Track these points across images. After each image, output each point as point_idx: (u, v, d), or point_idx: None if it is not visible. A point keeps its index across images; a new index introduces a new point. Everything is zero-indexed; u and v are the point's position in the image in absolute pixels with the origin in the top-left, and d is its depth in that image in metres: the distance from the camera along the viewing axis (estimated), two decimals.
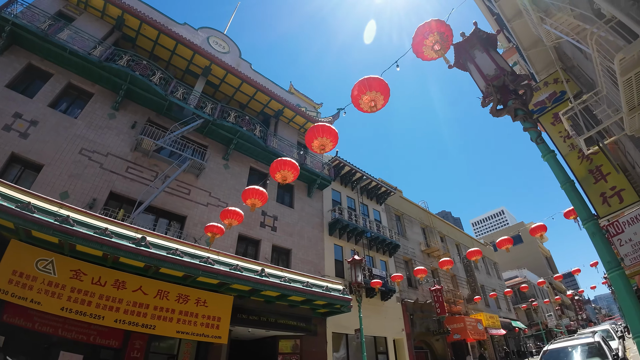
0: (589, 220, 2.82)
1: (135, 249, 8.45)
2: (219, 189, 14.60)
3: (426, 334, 22.32)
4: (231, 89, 17.61)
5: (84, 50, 12.89)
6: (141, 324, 9.09)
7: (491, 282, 35.70)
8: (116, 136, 12.89)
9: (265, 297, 11.95)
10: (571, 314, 57.17)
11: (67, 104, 12.96)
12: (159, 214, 12.49)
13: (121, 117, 13.42)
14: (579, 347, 8.73)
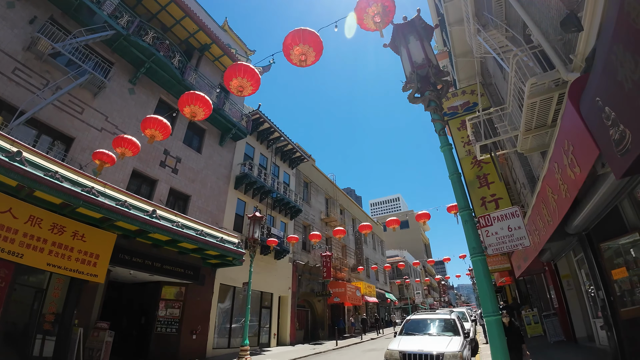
0: (465, 209, 3.16)
1: (7, 163, 7.09)
2: (118, 114, 12.80)
3: (310, 295, 23.89)
4: (156, 5, 15.19)
5: None
6: (7, 251, 7.95)
7: (375, 257, 39.50)
8: (9, 29, 10.32)
9: (153, 240, 11.32)
10: (436, 295, 66.82)
11: None
12: (42, 129, 10.49)
13: (21, 7, 10.75)
14: (437, 320, 10.05)
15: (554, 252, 11.38)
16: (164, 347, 12.65)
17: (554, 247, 10.59)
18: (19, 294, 9.31)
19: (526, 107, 5.38)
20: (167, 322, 13.18)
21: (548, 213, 7.31)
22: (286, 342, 19.75)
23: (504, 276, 20.23)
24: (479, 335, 16.16)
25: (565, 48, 5.05)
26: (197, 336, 13.49)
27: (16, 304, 9.25)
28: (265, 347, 17.83)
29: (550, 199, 6.81)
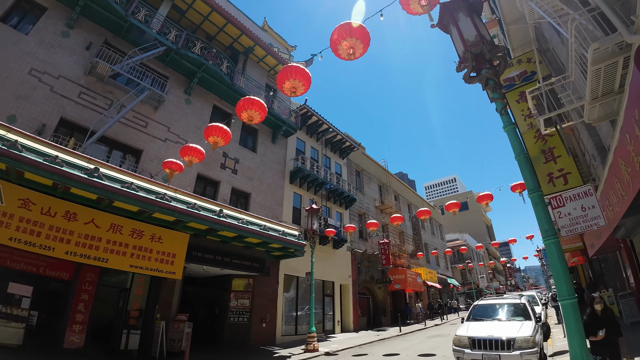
0: (534, 191, 3.05)
1: (87, 179, 8.03)
2: (178, 124, 13.85)
3: (370, 282, 24.07)
4: (199, 16, 16.12)
5: None
6: (93, 257, 8.97)
7: (434, 242, 38.53)
8: (69, 57, 11.54)
9: (221, 237, 12.07)
10: (501, 279, 63.53)
11: (19, 18, 11.34)
12: (112, 145, 11.71)
13: (76, 36, 11.95)
14: (505, 305, 9.69)
15: (629, 228, 10.38)
16: (237, 335, 13.64)
17: (629, 223, 9.66)
18: (105, 294, 10.59)
19: (590, 75, 4.97)
20: (239, 311, 14.15)
21: (622, 187, 6.71)
22: (349, 328, 20.14)
23: (575, 256, 18.77)
24: (550, 319, 15.32)
25: (624, 9, 4.60)
26: (266, 324, 14.31)
27: (103, 303, 10.53)
28: (330, 334, 18.36)
29: (623, 172, 6.25)
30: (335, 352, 12.87)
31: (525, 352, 7.02)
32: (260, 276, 14.42)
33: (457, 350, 7.98)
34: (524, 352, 7.03)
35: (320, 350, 12.73)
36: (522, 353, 7.02)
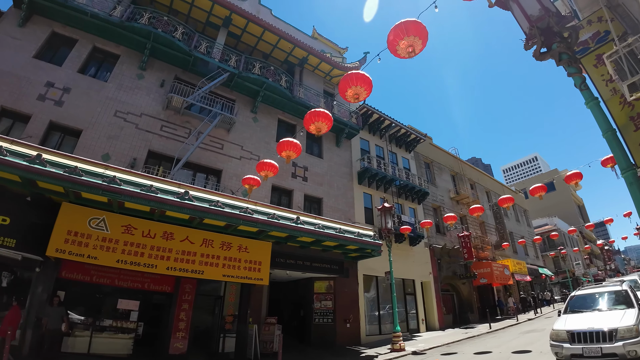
0: (627, 170, 2.83)
1: (180, 202, 9.05)
2: (249, 142, 14.92)
3: (452, 278, 23.11)
4: (253, 38, 17.23)
5: (104, 12, 12.88)
6: (190, 270, 10.02)
7: (520, 230, 35.62)
8: (147, 96, 13.18)
9: (300, 242, 12.63)
10: (600, 264, 56.30)
11: (96, 68, 13.22)
12: (195, 169, 13.08)
13: (149, 76, 13.60)
14: (605, 293, 8.86)
15: None
16: (322, 336, 14.11)
17: None
18: (202, 302, 11.68)
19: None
20: (323, 313, 14.62)
21: None
22: (435, 327, 19.55)
23: None
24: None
25: None
26: (350, 324, 14.57)
27: (201, 311, 11.61)
28: (414, 333, 18.01)
29: None
30: (422, 351, 12.65)
31: (629, 342, 6.52)
32: (340, 278, 14.75)
33: (555, 345, 7.54)
34: (627, 342, 6.53)
35: (406, 350, 12.60)
36: (625, 344, 6.53)
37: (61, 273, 9.73)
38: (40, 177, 8.19)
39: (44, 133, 11.12)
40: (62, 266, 9.70)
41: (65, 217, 9.09)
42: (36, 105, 11.31)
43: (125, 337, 10.18)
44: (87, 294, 10.49)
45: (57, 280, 9.67)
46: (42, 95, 11.51)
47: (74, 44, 12.96)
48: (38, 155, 8.24)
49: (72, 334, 9.58)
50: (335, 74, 19.94)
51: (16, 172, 8.07)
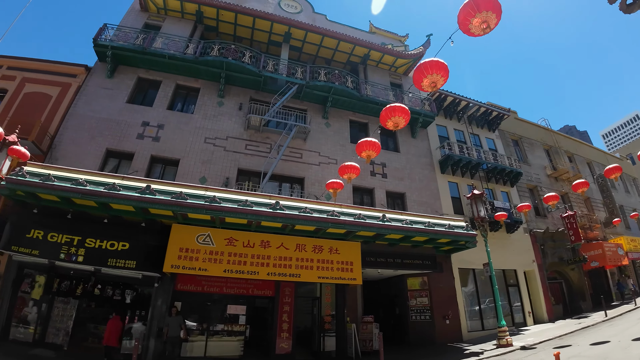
0: None
1: (272, 212, 9.62)
2: (325, 147, 15.28)
3: (559, 264, 20.66)
4: (314, 47, 17.76)
5: (179, 52, 14.44)
6: (288, 274, 10.60)
7: (631, 202, 30.52)
8: (229, 120, 14.47)
9: (389, 240, 12.46)
10: None
11: (182, 103, 14.90)
12: (280, 180, 13.89)
13: (228, 102, 14.93)
14: None
15: None
16: (421, 333, 13.70)
17: None
18: (301, 304, 12.24)
19: None
20: (419, 310, 14.20)
21: None
22: (543, 319, 17.63)
23: None
24: None
25: None
26: (449, 321, 13.90)
27: (301, 312, 12.21)
28: (521, 327, 16.47)
29: None
30: (532, 345, 11.53)
31: None
32: (434, 273, 14.19)
33: None
34: None
35: (514, 345, 11.62)
36: None
37: (176, 286, 10.98)
38: (151, 205, 9.36)
39: (147, 166, 12.79)
40: (176, 280, 10.97)
41: (176, 237, 10.27)
42: (137, 144, 13.05)
43: (235, 340, 11.12)
44: (200, 303, 11.65)
45: (173, 292, 10.94)
46: (140, 134, 13.27)
47: (159, 85, 14.73)
48: (147, 187, 9.38)
49: (190, 340, 10.70)
50: (399, 64, 19.43)
51: (130, 203, 9.30)
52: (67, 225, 10.34)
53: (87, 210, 10.36)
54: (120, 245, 10.18)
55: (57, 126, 13.03)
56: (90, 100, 13.76)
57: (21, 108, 13.39)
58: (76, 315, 11.07)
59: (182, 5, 16.06)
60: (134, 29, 15.05)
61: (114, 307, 11.53)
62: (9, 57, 14.68)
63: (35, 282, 11.24)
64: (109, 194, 9.08)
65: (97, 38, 14.02)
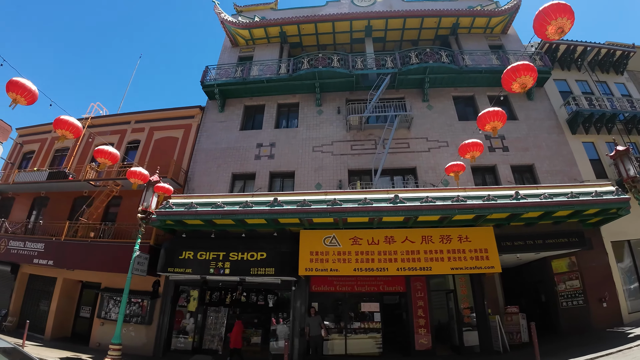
0: None
1: (393, 207, 9.44)
2: (432, 131, 14.44)
3: None
4: (397, 32, 17.23)
5: (274, 74, 15.60)
6: (419, 268, 10.27)
7: None
8: (330, 125, 14.92)
9: (525, 220, 11.22)
10: None
11: (285, 120, 16.01)
12: (391, 173, 13.61)
13: (326, 108, 15.44)
14: None
15: None
16: (574, 320, 11.87)
17: None
18: (435, 298, 11.74)
19: None
20: (570, 295, 12.35)
21: None
22: None
23: None
24: None
25: None
26: (607, 303, 11.84)
27: (436, 306, 11.73)
28: None
29: None
30: None
31: None
32: (583, 251, 12.23)
33: None
34: None
35: None
36: None
37: (311, 287, 11.59)
38: (280, 215, 10.02)
39: (268, 182, 13.97)
40: (310, 282, 11.57)
41: (305, 242, 10.86)
42: (256, 164, 14.41)
43: (373, 337, 11.19)
44: (335, 302, 12.07)
45: (309, 294, 11.51)
46: (257, 155, 14.63)
47: (263, 108, 16.11)
48: (275, 199, 10.05)
49: (330, 339, 11.12)
50: (494, 23, 17.49)
51: (262, 216, 10.09)
52: (211, 244, 11.73)
53: (226, 228, 11.58)
54: (259, 255, 11.14)
55: (188, 161, 15.13)
56: (210, 134, 15.68)
57: (155, 152, 15.74)
58: (227, 321, 12.43)
59: (266, 31, 17.40)
60: (231, 64, 16.81)
61: (258, 312, 12.65)
62: (136, 113, 17.43)
63: (190, 296, 12.94)
64: (244, 211, 10.01)
65: (204, 80, 15.98)
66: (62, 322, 14.50)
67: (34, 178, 16.36)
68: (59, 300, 14.33)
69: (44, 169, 17.32)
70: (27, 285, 15.78)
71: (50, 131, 19.48)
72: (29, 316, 14.44)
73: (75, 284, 15.17)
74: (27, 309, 15.37)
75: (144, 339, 12.39)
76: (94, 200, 14.37)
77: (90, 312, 14.71)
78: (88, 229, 14.00)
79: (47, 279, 15.22)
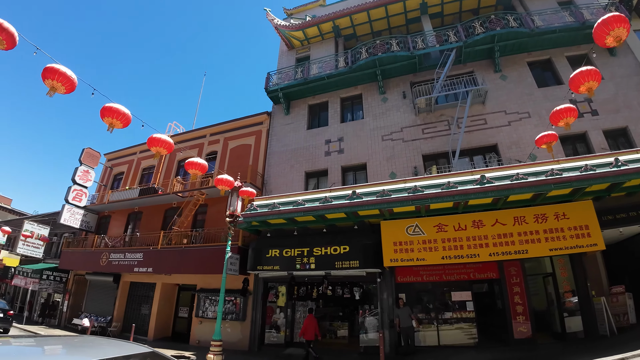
0: None
1: (481, 188, 8.93)
2: (509, 103, 13.29)
3: None
4: (454, 4, 16.31)
5: (334, 70, 15.67)
6: (513, 251, 9.59)
7: None
8: (397, 112, 14.51)
9: (626, 189, 9.98)
10: None
11: (350, 113, 15.93)
12: (469, 154, 12.78)
13: (390, 95, 15.04)
14: None
15: None
16: None
17: None
18: (532, 283, 10.98)
19: None
20: None
21: None
22: None
23: None
24: None
25: None
26: None
27: (534, 291, 11.02)
28: None
29: None
30: None
31: None
32: None
33: None
34: None
35: None
36: None
37: (397, 278, 11.44)
38: (360, 207, 10.02)
39: (341, 177, 14.08)
40: (396, 273, 11.41)
41: (387, 232, 10.75)
42: (327, 160, 14.63)
43: (466, 327, 10.74)
44: (423, 292, 11.80)
45: (395, 285, 11.39)
46: (327, 151, 14.84)
47: (326, 105, 16.26)
48: (353, 192, 10.09)
49: (421, 329, 10.88)
50: None
51: (342, 210, 10.18)
52: (295, 241, 12.14)
53: (307, 224, 11.91)
54: (342, 249, 11.29)
55: (262, 165, 15.91)
56: (280, 137, 16.29)
57: (232, 160, 16.71)
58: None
59: (319, 28, 17.49)
60: (290, 66, 17.16)
61: (344, 304, 12.84)
62: (210, 126, 18.59)
63: (278, 292, 13.53)
64: (324, 207, 10.20)
65: (267, 86, 16.58)
66: (162, 324, 16.01)
67: (127, 196, 18.18)
68: (159, 303, 15.84)
69: (135, 186, 19.16)
70: (129, 292, 17.66)
71: (136, 153, 21.57)
72: (132, 320, 16.21)
73: (172, 287, 16.63)
74: (130, 313, 17.25)
75: (239, 335, 13.24)
76: (182, 210, 15.62)
77: (188, 312, 16.08)
78: (181, 236, 15.25)
79: (146, 285, 16.90)
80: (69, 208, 19.00)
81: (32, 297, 21.26)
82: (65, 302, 19.63)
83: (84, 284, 19.62)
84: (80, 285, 19.78)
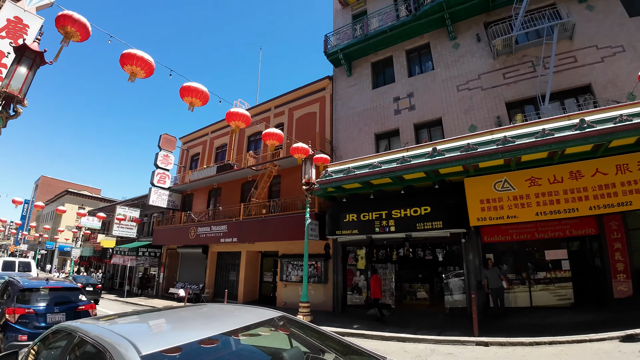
0: None
1: (580, 134, 8.07)
2: (600, 36, 11.36)
3: None
4: None
5: (396, 20, 14.49)
6: (616, 204, 8.70)
7: None
8: (472, 57, 13.20)
9: None
10: None
11: (418, 65, 14.89)
12: (559, 97, 11.33)
13: (462, 40, 13.67)
14: None
15: None
16: None
17: None
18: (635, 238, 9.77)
19: None
20: None
21: None
22: None
23: None
24: None
25: None
26: None
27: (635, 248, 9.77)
28: None
29: None
30: None
31: None
32: None
33: None
34: None
35: None
36: None
37: (483, 238, 11.00)
38: (442, 165, 9.61)
39: (414, 136, 13.49)
40: (482, 232, 10.95)
41: (472, 190, 10.27)
42: (397, 119, 14.04)
43: (561, 287, 10.14)
44: (513, 252, 11.24)
45: (482, 245, 10.98)
46: (396, 110, 14.19)
47: (391, 60, 15.33)
48: (434, 149, 9.70)
49: (511, 290, 10.46)
50: None
51: (423, 169, 9.86)
52: (372, 205, 12.16)
53: (383, 187, 11.82)
54: (423, 210, 11.08)
55: (330, 132, 15.81)
56: (345, 101, 15.91)
57: (298, 130, 16.89)
58: (395, 277, 12.91)
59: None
60: (347, 25, 16.34)
61: (427, 267, 12.76)
62: (274, 99, 18.86)
63: (357, 256, 13.83)
64: (403, 167, 9.99)
65: (326, 49, 16.08)
66: (250, 288, 17.30)
67: (206, 174, 19.44)
68: (245, 270, 17.09)
69: (211, 164, 20.41)
70: (217, 261, 19.23)
71: (208, 133, 22.80)
72: (222, 287, 17.74)
73: (256, 254, 17.81)
74: (219, 280, 18.85)
75: (322, 297, 13.90)
76: (258, 182, 16.36)
77: (272, 277, 17.19)
78: (259, 207, 16.09)
79: (232, 253, 18.27)
80: (156, 190, 20.92)
81: (130, 273, 24.14)
82: (160, 274, 22.06)
83: (176, 256, 21.79)
84: (173, 258, 21.99)
